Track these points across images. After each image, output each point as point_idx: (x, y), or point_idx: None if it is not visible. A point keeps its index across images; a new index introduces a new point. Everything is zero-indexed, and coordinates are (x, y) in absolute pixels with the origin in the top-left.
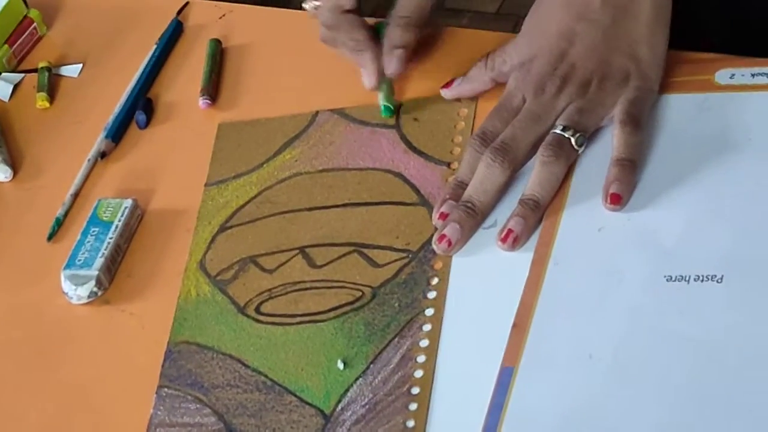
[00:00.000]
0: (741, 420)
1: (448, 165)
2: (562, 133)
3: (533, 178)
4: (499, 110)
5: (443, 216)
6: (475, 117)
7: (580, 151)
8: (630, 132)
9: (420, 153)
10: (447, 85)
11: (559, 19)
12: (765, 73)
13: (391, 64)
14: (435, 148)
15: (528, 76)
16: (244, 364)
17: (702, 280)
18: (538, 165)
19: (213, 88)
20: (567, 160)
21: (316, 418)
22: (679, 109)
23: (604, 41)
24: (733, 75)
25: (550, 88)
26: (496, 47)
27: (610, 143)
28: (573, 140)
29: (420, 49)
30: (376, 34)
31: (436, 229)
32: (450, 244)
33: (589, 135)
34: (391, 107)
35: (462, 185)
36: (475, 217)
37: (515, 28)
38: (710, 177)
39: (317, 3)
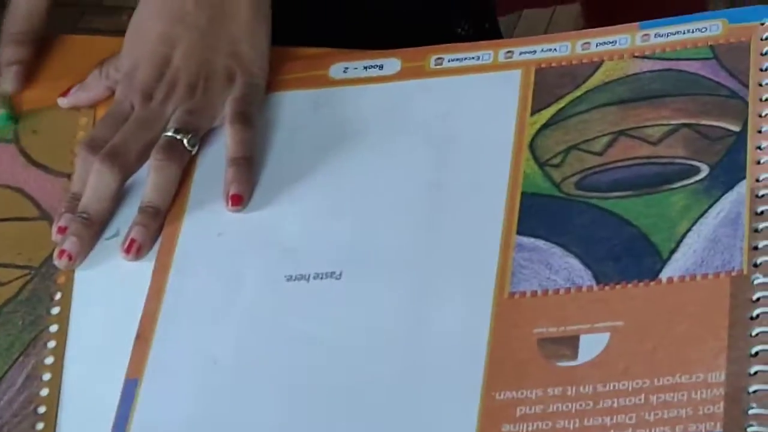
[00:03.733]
0: (359, 414)
1: (69, 176)
2: (174, 135)
3: (149, 185)
4: (108, 118)
5: (62, 230)
6: (94, 126)
7: (193, 152)
8: (240, 129)
9: (40, 166)
10: (64, 93)
11: (155, 24)
12: (377, 65)
13: (8, 82)
14: (55, 160)
15: (133, 83)
16: None
17: (321, 278)
18: (152, 170)
19: None
20: (180, 162)
21: None
22: (294, 106)
23: (203, 42)
24: (347, 69)
25: (157, 94)
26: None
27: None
28: (185, 141)
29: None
30: None
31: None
32: (71, 258)
33: (201, 135)
34: (13, 116)
35: (77, 197)
36: (92, 226)
37: None
38: (328, 173)
39: None
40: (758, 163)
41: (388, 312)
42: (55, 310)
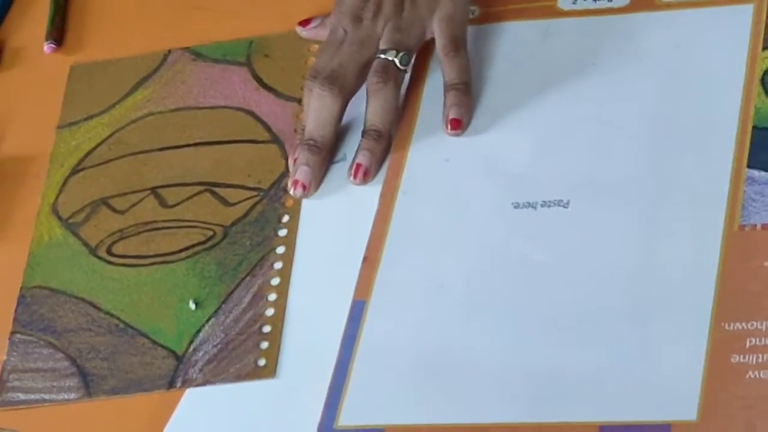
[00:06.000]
0: (585, 343)
1: (299, 101)
2: (386, 56)
3: (369, 108)
4: (326, 47)
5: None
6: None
7: (407, 70)
8: (455, 55)
9: (271, 90)
10: (304, 23)
11: None
12: None
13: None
14: (286, 85)
15: (343, 8)
16: (96, 307)
17: (549, 206)
18: (370, 94)
19: (58, 32)
20: (396, 82)
21: (168, 359)
22: (522, 36)
23: None
24: (576, 0)
25: (366, 14)
26: None
27: None
28: (397, 61)
29: None
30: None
31: (287, 168)
32: (305, 187)
33: (412, 53)
34: None
35: None
36: (320, 153)
37: None
38: (555, 103)
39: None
40: None
41: (617, 241)
42: (283, 232)
